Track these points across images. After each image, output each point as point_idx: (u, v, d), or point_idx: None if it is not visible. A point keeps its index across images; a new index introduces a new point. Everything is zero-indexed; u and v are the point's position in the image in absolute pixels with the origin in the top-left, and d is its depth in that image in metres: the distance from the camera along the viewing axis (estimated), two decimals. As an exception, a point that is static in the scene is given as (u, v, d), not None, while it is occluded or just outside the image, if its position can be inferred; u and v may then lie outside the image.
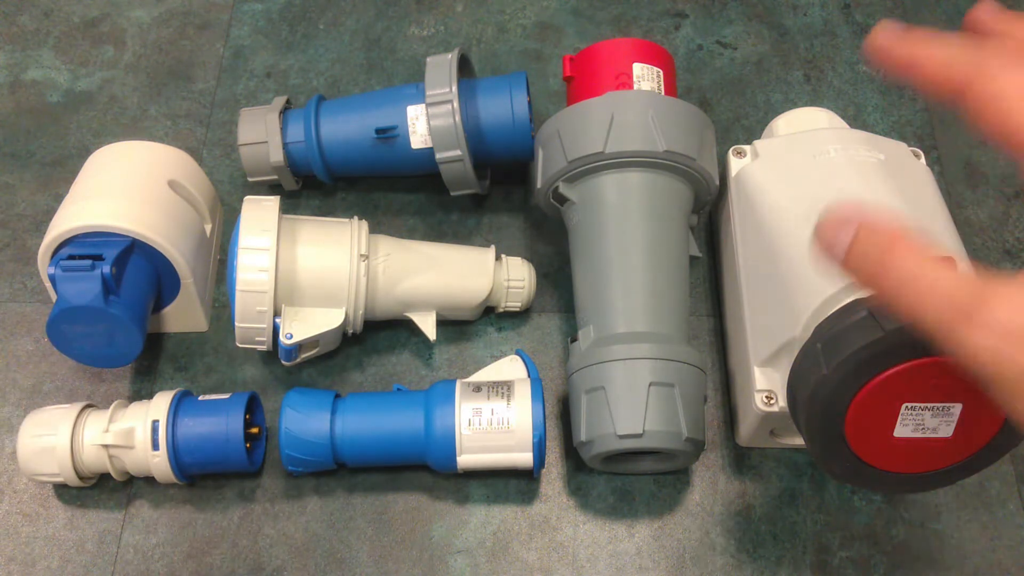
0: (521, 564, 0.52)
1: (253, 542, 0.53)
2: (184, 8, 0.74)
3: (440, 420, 0.51)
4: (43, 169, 0.66)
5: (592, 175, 0.54)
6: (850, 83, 0.70)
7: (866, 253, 0.28)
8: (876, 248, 0.28)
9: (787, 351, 0.48)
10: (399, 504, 0.54)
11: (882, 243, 0.28)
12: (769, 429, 0.53)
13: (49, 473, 0.51)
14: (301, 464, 0.52)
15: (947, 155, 0.67)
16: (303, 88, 0.69)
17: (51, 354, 0.58)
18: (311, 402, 0.52)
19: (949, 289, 0.26)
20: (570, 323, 0.60)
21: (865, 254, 0.28)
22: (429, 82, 0.57)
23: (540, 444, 0.50)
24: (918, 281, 0.27)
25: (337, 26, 0.73)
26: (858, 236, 0.29)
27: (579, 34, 0.72)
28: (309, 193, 0.65)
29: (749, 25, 0.73)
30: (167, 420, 0.51)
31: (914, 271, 0.27)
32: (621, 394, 0.49)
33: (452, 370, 0.58)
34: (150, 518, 0.53)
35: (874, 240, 0.28)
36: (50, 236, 0.51)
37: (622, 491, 0.54)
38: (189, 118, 0.68)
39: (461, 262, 0.57)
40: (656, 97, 0.55)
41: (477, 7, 0.74)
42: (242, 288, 0.51)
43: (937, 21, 0.73)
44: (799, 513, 0.54)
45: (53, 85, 0.70)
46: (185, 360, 0.59)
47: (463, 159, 0.57)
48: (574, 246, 0.56)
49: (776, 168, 0.54)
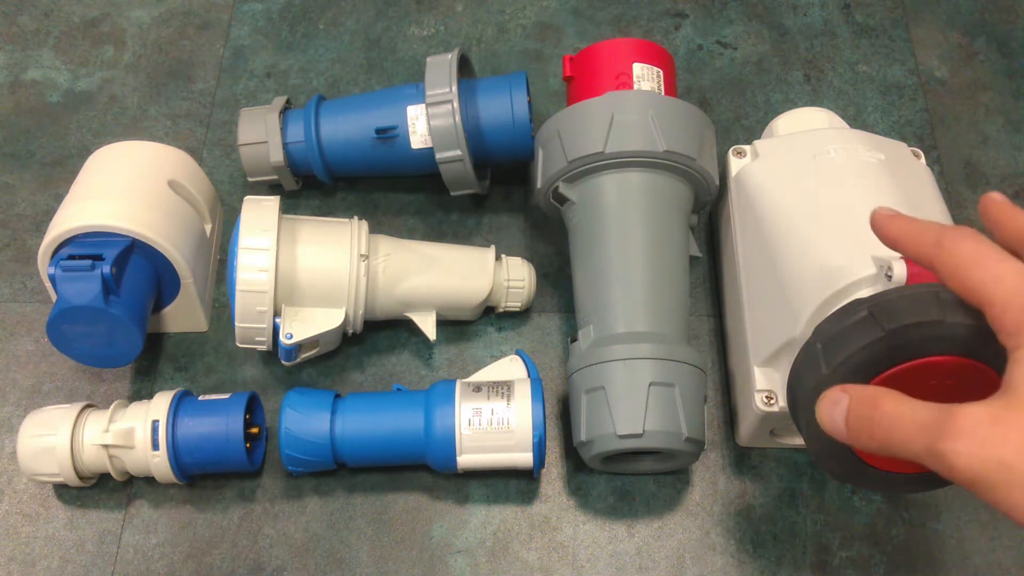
0: (521, 564, 0.52)
1: (253, 542, 0.53)
2: (184, 8, 0.74)
3: (440, 420, 0.51)
4: (43, 169, 0.66)
5: (592, 175, 0.55)
6: (850, 83, 0.70)
7: (859, 416, 0.34)
8: (866, 407, 0.34)
9: (787, 351, 0.48)
10: (399, 504, 0.54)
11: (869, 402, 0.34)
12: (769, 429, 0.53)
13: (49, 473, 0.51)
14: (301, 464, 0.52)
15: (947, 155, 0.67)
16: (303, 88, 0.69)
17: (51, 354, 0.58)
18: (311, 402, 0.52)
19: (924, 419, 0.31)
20: (570, 323, 0.60)
21: (859, 418, 0.34)
22: (429, 82, 0.57)
23: (540, 444, 0.50)
24: (900, 418, 0.32)
25: (337, 26, 0.73)
26: (850, 408, 0.34)
27: (579, 34, 0.72)
28: (309, 193, 0.65)
29: (749, 25, 0.73)
30: (167, 420, 0.51)
31: (896, 412, 0.32)
32: (621, 394, 0.49)
33: (452, 370, 0.58)
34: (150, 518, 0.53)
35: (862, 404, 0.34)
36: (50, 236, 0.51)
37: (622, 491, 0.54)
38: (189, 118, 0.68)
39: (461, 262, 0.57)
40: (656, 97, 0.55)
41: (477, 7, 0.74)
42: (242, 288, 0.51)
43: (937, 21, 0.74)
44: (799, 513, 0.54)
45: (53, 85, 0.70)
46: (185, 360, 0.59)
47: (463, 159, 0.57)
48: (574, 246, 0.56)
49: (776, 168, 0.54)
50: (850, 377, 0.41)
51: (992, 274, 0.32)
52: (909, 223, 0.37)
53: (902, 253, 0.37)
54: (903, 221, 0.37)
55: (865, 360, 0.40)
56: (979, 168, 0.67)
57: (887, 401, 0.33)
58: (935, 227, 0.35)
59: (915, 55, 0.72)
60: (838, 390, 0.35)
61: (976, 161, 0.67)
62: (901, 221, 0.38)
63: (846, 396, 0.35)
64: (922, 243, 0.35)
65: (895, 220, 0.38)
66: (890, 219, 0.38)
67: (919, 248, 0.36)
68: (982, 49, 0.72)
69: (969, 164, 0.67)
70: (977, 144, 0.68)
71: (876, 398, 0.33)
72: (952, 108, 0.69)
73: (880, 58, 0.71)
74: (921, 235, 0.36)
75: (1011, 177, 0.66)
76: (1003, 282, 0.32)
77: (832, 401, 0.35)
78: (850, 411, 0.34)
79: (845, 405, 0.35)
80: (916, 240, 0.36)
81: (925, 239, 0.35)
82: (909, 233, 0.36)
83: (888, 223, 0.38)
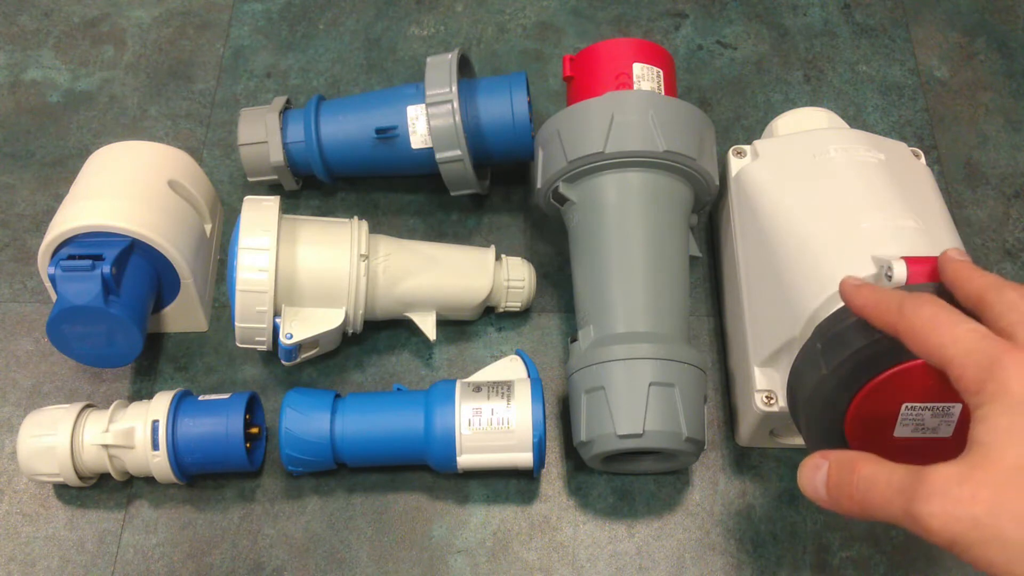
0: (521, 564, 0.52)
1: (253, 542, 0.53)
2: (184, 8, 0.74)
3: (440, 420, 0.51)
4: (43, 169, 0.66)
5: (592, 175, 0.55)
6: (850, 83, 0.70)
7: (839, 483, 0.34)
8: (844, 473, 0.34)
9: (787, 351, 0.48)
10: (399, 504, 0.54)
11: (847, 467, 0.34)
12: (769, 429, 0.53)
13: (49, 473, 0.51)
14: (301, 464, 0.52)
15: (947, 155, 0.67)
16: (303, 88, 0.69)
17: (51, 354, 0.58)
18: (311, 402, 0.52)
19: (898, 482, 0.32)
20: (570, 323, 0.60)
21: (838, 484, 0.35)
22: (429, 82, 0.57)
23: (540, 444, 0.50)
24: (876, 482, 0.33)
25: (337, 26, 0.73)
26: (829, 474, 0.35)
27: (579, 34, 0.72)
28: (309, 193, 0.65)
29: (749, 25, 0.73)
30: (167, 420, 0.51)
31: (872, 477, 0.33)
32: (621, 394, 0.49)
33: (452, 370, 0.58)
34: (150, 518, 0.53)
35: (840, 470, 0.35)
36: (50, 236, 0.51)
37: (622, 491, 0.54)
38: (189, 118, 0.68)
39: (461, 262, 0.57)
40: (656, 97, 0.55)
41: (477, 7, 0.74)
42: (242, 288, 0.51)
43: (937, 21, 0.74)
44: (799, 513, 0.54)
45: (53, 85, 0.70)
46: (185, 360, 0.59)
47: (463, 159, 0.57)
48: (574, 246, 0.56)
49: (776, 168, 0.54)
50: (850, 377, 0.41)
51: (949, 336, 0.34)
52: (873, 292, 0.39)
53: (869, 321, 0.39)
54: (868, 291, 0.39)
55: (865, 360, 0.41)
56: (979, 168, 0.67)
57: (864, 465, 0.34)
58: (897, 295, 0.37)
59: (915, 55, 0.72)
60: (818, 456, 0.36)
61: (976, 161, 0.67)
62: (866, 291, 0.39)
63: (825, 462, 0.35)
64: (886, 311, 0.37)
65: (860, 290, 0.39)
66: (856, 289, 0.40)
67: (883, 316, 0.37)
68: (982, 49, 0.72)
69: (969, 164, 0.67)
70: (977, 144, 0.68)
71: (854, 463, 0.34)
72: (952, 108, 0.69)
73: (880, 58, 0.71)
74: (885, 304, 0.37)
75: (1011, 177, 0.66)
76: (959, 343, 0.33)
77: (813, 467, 0.36)
78: (829, 477, 0.35)
79: (825, 471, 0.35)
80: (880, 308, 0.37)
81: (888, 307, 0.37)
82: (874, 303, 0.38)
83: (855, 293, 0.40)
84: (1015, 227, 0.64)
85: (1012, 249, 0.63)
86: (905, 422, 0.42)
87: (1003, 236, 0.64)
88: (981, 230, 0.64)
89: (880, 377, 0.41)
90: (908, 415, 0.42)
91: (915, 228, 0.47)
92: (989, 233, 0.64)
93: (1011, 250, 0.63)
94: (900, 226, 0.47)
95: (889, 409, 0.42)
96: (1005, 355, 0.32)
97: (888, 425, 0.42)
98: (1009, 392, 0.31)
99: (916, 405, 0.41)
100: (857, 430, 0.43)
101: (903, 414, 0.42)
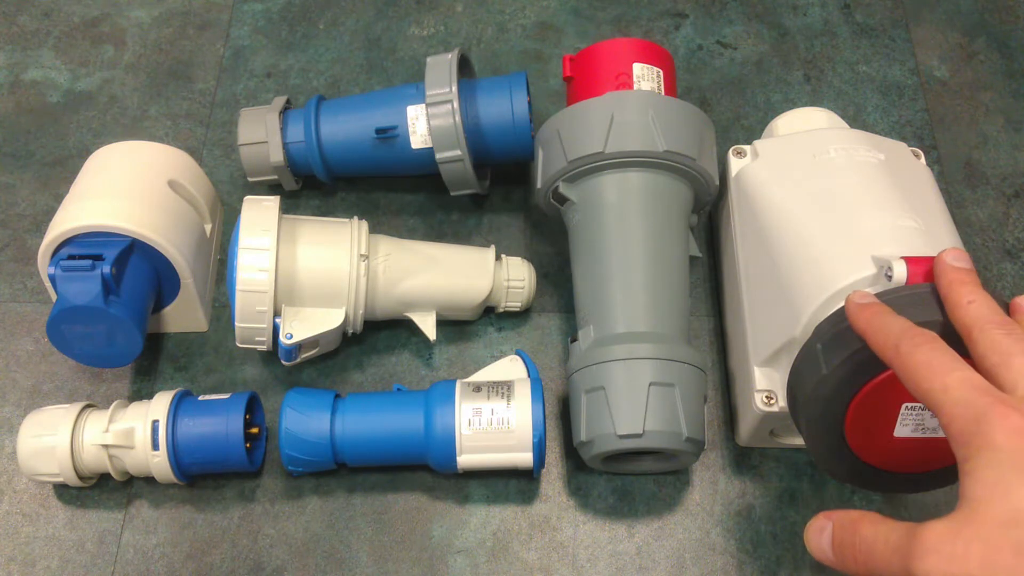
0: (521, 564, 0.52)
1: (253, 542, 0.53)
2: (184, 8, 0.74)
3: (440, 420, 0.51)
4: (43, 169, 0.66)
5: (592, 175, 0.54)
6: (850, 83, 0.70)
7: (842, 543, 0.35)
8: (847, 533, 0.35)
9: (787, 351, 0.48)
10: (399, 504, 0.54)
11: (849, 527, 0.35)
12: (769, 429, 0.53)
13: (49, 473, 0.51)
14: (301, 464, 0.52)
15: (947, 155, 0.67)
16: (303, 88, 0.69)
17: (51, 354, 0.58)
18: (311, 402, 0.52)
19: (895, 541, 0.33)
20: (570, 323, 0.60)
21: (842, 544, 0.35)
22: (429, 82, 0.57)
23: (540, 444, 0.50)
24: (876, 542, 0.34)
25: (337, 26, 0.73)
26: (834, 535, 0.36)
27: (579, 34, 0.72)
28: (309, 193, 0.65)
29: (749, 25, 0.73)
30: (167, 420, 0.51)
31: (872, 536, 0.34)
32: (621, 394, 0.49)
33: (452, 370, 0.58)
34: (150, 518, 0.53)
35: (843, 530, 0.35)
36: (50, 236, 0.51)
37: (622, 491, 0.54)
38: (189, 118, 0.68)
39: (461, 262, 0.57)
40: (656, 97, 0.55)
41: (477, 7, 0.74)
42: (242, 288, 0.51)
43: (937, 21, 0.74)
44: (799, 513, 0.54)
45: (53, 85, 0.70)
46: (185, 360, 0.59)
47: (463, 159, 0.57)
48: (574, 246, 0.56)
49: (776, 168, 0.54)
50: (850, 377, 0.41)
51: (941, 383, 0.34)
52: (876, 317, 0.39)
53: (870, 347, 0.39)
54: (870, 314, 0.39)
55: (865, 360, 0.40)
56: (979, 168, 0.67)
57: (864, 525, 0.34)
58: (896, 328, 0.37)
59: (915, 55, 0.72)
60: (823, 517, 0.37)
61: (976, 161, 0.67)
62: (868, 314, 0.39)
63: (829, 523, 0.36)
64: (884, 344, 0.37)
65: (864, 311, 0.40)
66: (860, 308, 0.40)
67: (881, 348, 0.38)
68: (982, 49, 0.72)
69: (969, 164, 0.67)
70: (977, 144, 0.68)
71: (855, 524, 0.35)
72: (952, 108, 0.69)
73: (880, 58, 0.71)
74: (884, 334, 0.38)
75: (1011, 177, 0.66)
76: (949, 392, 0.34)
77: (818, 529, 0.37)
78: (834, 538, 0.36)
79: (829, 532, 0.36)
80: (879, 338, 0.38)
81: (887, 340, 0.37)
82: (874, 329, 0.38)
83: (858, 313, 0.40)
84: (1015, 227, 0.64)
85: (1012, 249, 0.63)
86: (905, 422, 0.42)
87: (1003, 236, 0.64)
88: (981, 230, 0.64)
89: (880, 377, 0.41)
90: (908, 415, 0.42)
91: (915, 228, 0.47)
92: (989, 233, 0.64)
93: (1011, 250, 0.63)
94: (900, 226, 0.47)
95: (889, 409, 0.42)
96: (991, 409, 0.32)
97: (888, 425, 0.42)
98: (994, 446, 0.32)
99: (916, 405, 0.41)
100: (857, 430, 0.43)
101: (903, 414, 0.42)
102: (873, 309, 0.39)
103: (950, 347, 0.35)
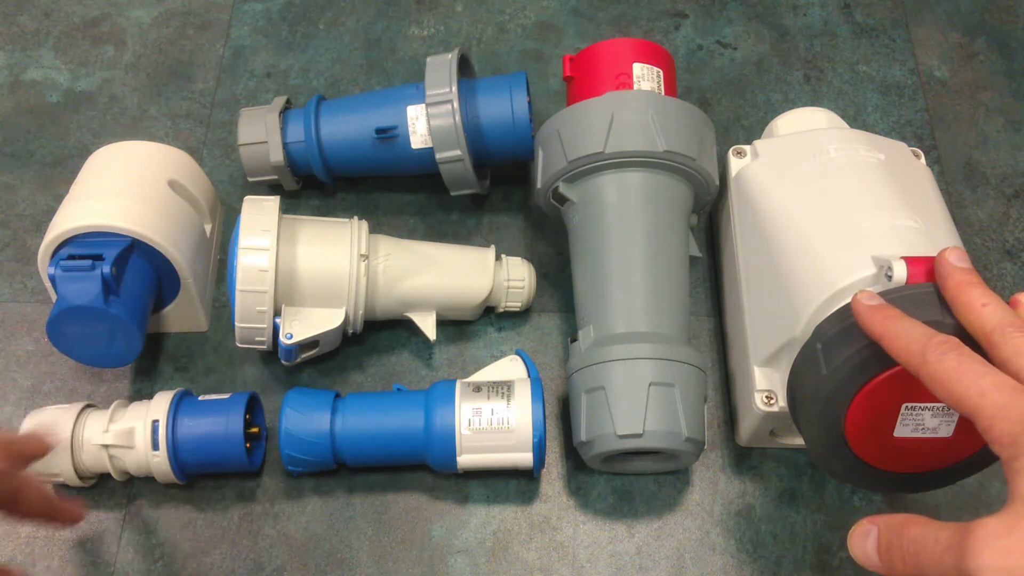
0: (521, 564, 0.52)
1: (253, 542, 0.53)
2: (184, 8, 0.74)
3: (440, 420, 0.51)
4: (43, 169, 0.66)
5: (592, 175, 0.54)
6: (850, 83, 0.70)
7: (889, 546, 0.35)
8: (893, 536, 0.35)
9: (787, 351, 0.48)
10: (399, 504, 0.54)
11: (896, 530, 0.35)
12: (769, 429, 0.53)
13: (49, 473, 0.51)
14: (301, 464, 0.52)
15: (947, 155, 0.67)
16: (303, 88, 0.69)
17: (51, 354, 0.58)
18: (311, 402, 0.52)
19: (946, 539, 0.32)
20: (570, 323, 0.60)
21: (889, 547, 0.35)
22: (429, 82, 0.57)
23: (540, 444, 0.50)
24: (925, 542, 0.33)
25: (337, 26, 0.73)
26: (879, 539, 0.35)
27: (579, 34, 0.72)
28: (309, 193, 0.65)
29: (749, 25, 0.73)
30: (167, 420, 0.51)
31: (920, 537, 0.34)
32: (621, 394, 0.49)
33: (452, 370, 0.58)
34: (150, 518, 0.53)
35: (889, 533, 0.35)
36: (50, 236, 0.51)
37: (622, 491, 0.54)
38: (189, 118, 0.68)
39: (461, 262, 0.57)
40: (656, 97, 0.55)
41: (477, 7, 0.74)
42: (242, 288, 0.51)
43: (937, 21, 0.74)
44: (799, 513, 0.54)
45: (53, 85, 0.70)
46: (185, 360, 0.59)
47: (463, 159, 0.57)
48: (574, 246, 0.56)
49: (776, 168, 0.54)
50: (850, 377, 0.41)
51: (976, 388, 0.34)
52: (892, 322, 0.38)
53: (886, 351, 0.39)
54: (883, 317, 0.39)
55: (865, 360, 0.41)
56: (979, 168, 0.67)
57: (911, 527, 0.34)
58: (919, 337, 0.37)
59: (915, 55, 0.72)
60: (867, 522, 0.36)
61: (976, 161, 0.67)
62: (881, 317, 0.39)
63: (874, 527, 0.36)
64: (908, 351, 0.37)
65: (876, 313, 0.39)
66: (872, 311, 0.40)
67: (905, 356, 0.37)
68: (982, 49, 0.72)
69: (969, 164, 0.67)
70: (977, 144, 0.68)
71: (902, 526, 0.35)
72: (952, 108, 0.69)
73: (880, 58, 0.71)
74: (906, 341, 0.37)
75: (1011, 177, 0.66)
76: (987, 396, 0.34)
77: (863, 534, 0.36)
78: (879, 541, 0.36)
79: (875, 536, 0.36)
80: (900, 344, 0.38)
81: (910, 347, 0.37)
82: (894, 335, 0.38)
83: (871, 315, 0.39)
84: (1015, 227, 0.64)
85: (1012, 249, 0.63)
86: (905, 422, 0.42)
87: (1003, 236, 0.64)
88: (981, 230, 0.64)
89: (880, 377, 0.41)
90: (908, 415, 0.42)
91: (915, 228, 0.47)
92: (989, 233, 0.64)
93: (1011, 250, 0.63)
94: (900, 226, 0.47)
95: (889, 409, 0.42)
96: None
97: (888, 425, 0.42)
98: None
99: (916, 405, 0.41)
100: (857, 430, 0.43)
101: (903, 414, 0.42)
102: (886, 312, 0.39)
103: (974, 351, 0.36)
